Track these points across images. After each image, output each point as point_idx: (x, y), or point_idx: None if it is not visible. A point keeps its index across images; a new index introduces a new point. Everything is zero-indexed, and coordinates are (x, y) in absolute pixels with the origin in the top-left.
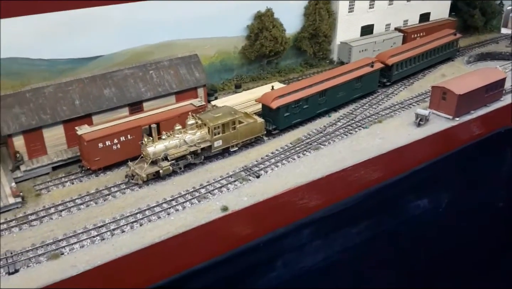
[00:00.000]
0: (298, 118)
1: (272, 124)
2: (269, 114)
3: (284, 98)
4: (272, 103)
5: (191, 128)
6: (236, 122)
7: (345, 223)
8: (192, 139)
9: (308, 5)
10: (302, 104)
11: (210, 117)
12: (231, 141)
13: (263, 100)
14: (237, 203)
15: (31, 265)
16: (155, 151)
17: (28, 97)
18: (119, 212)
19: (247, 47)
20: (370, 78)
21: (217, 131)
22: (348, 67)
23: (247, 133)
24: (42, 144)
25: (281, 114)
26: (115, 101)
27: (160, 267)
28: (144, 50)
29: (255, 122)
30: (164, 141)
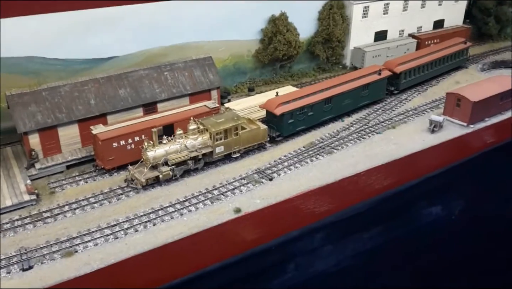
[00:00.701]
0: (303, 125)
1: (276, 131)
2: (273, 121)
3: (288, 105)
4: (276, 110)
5: (192, 134)
6: (239, 128)
7: (357, 228)
8: (193, 145)
9: (322, 9)
10: (307, 111)
11: (212, 122)
12: (233, 147)
13: (267, 107)
14: (250, 205)
15: (45, 262)
16: (155, 156)
17: (44, 96)
18: (132, 211)
19: (261, 50)
20: (377, 86)
21: (219, 137)
22: (355, 74)
23: (249, 140)
24: (57, 143)
25: (285, 121)
26: (130, 101)
27: (173, 267)
28: (158, 52)
29: (258, 129)
30: (165, 146)
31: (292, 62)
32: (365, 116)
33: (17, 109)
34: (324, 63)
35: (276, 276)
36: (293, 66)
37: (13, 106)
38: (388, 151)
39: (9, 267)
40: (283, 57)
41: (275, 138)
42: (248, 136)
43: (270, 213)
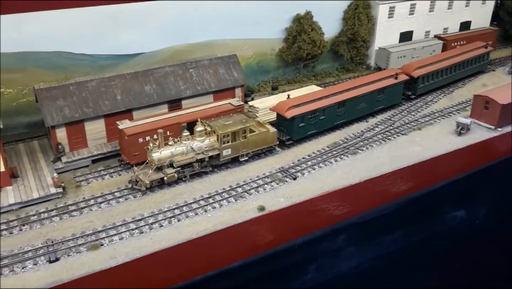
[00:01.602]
0: (314, 129)
1: (286, 134)
2: (284, 124)
3: (299, 108)
4: (286, 113)
5: (199, 136)
6: (247, 131)
7: (380, 230)
8: (200, 147)
9: (347, 9)
10: (319, 115)
11: (220, 124)
12: (241, 150)
13: (277, 110)
14: (273, 203)
15: (72, 255)
16: (160, 157)
17: (72, 90)
18: (157, 207)
19: (284, 49)
20: (393, 90)
21: (226, 140)
22: (371, 78)
23: (258, 143)
24: (83, 137)
25: (295, 124)
26: (155, 98)
27: (196, 263)
28: (184, 49)
29: (267, 132)
30: (171, 148)
31: (316, 62)
32: (390, 117)
33: (45, 103)
34: (348, 63)
35: (297, 276)
36: (316, 65)
37: (42, 100)
38: (414, 153)
39: (35, 259)
40: (307, 56)
41: (285, 142)
42: (257, 139)
43: (294, 212)
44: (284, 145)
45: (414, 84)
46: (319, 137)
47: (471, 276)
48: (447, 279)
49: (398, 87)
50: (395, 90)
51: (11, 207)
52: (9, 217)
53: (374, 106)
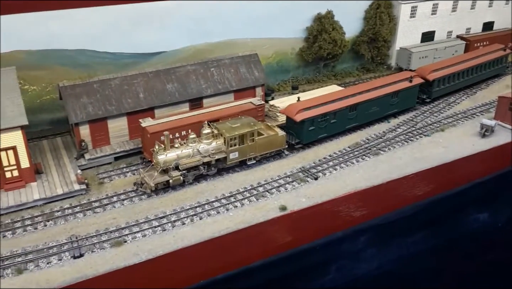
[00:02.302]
0: (324, 133)
1: (295, 138)
2: (293, 127)
3: (309, 111)
4: (296, 116)
5: (206, 138)
6: (255, 134)
7: (401, 232)
8: (207, 150)
9: (369, 8)
10: (329, 119)
11: (227, 127)
12: (249, 154)
13: (287, 112)
14: (295, 203)
15: (96, 251)
16: (165, 160)
17: (95, 88)
18: (179, 205)
19: (305, 49)
20: (408, 93)
21: (234, 143)
22: (384, 81)
23: (266, 147)
24: (106, 134)
25: (305, 128)
26: (177, 96)
27: (218, 261)
28: (204, 48)
29: (276, 135)
30: (176, 150)
31: (336, 61)
32: (412, 118)
33: (70, 101)
34: (369, 63)
35: (317, 276)
36: (336, 65)
37: (66, 98)
38: (437, 154)
39: (60, 254)
40: (328, 56)
41: (294, 146)
42: (265, 142)
43: (316, 212)
44: (294, 148)
45: (429, 87)
46: (340, 138)
47: (493, 279)
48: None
49: (412, 90)
50: (409, 93)
51: (36, 202)
52: (34, 213)
53: (387, 110)
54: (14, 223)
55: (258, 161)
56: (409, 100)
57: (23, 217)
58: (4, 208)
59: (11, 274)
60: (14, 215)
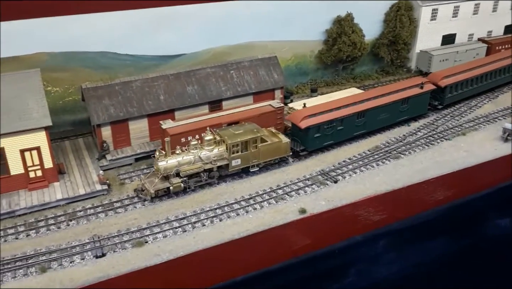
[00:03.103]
0: (331, 140)
1: (300, 145)
2: (298, 134)
3: (315, 118)
4: (301, 123)
5: (208, 145)
6: (258, 141)
7: (421, 237)
8: (208, 156)
9: (389, 11)
10: (336, 126)
11: (230, 134)
12: (251, 161)
13: (292, 119)
14: (314, 206)
15: (118, 251)
16: (166, 166)
17: (117, 90)
18: (199, 206)
19: (324, 51)
20: (419, 100)
21: (236, 150)
22: (395, 87)
23: (270, 154)
24: (127, 136)
25: (310, 135)
26: (197, 98)
27: (238, 263)
28: (224, 50)
29: (280, 142)
30: (178, 157)
31: (355, 64)
32: (433, 121)
33: (92, 102)
34: (388, 65)
35: (336, 280)
36: (356, 68)
37: (88, 99)
38: (459, 159)
39: (83, 254)
40: (347, 58)
41: (299, 153)
42: (268, 149)
43: (335, 215)
44: (299, 155)
45: (441, 94)
46: (360, 141)
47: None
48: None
49: (423, 97)
50: (420, 100)
51: (59, 202)
52: (57, 212)
53: (397, 117)
54: (37, 222)
55: (261, 168)
56: (420, 107)
57: (46, 216)
58: (28, 207)
59: (35, 272)
60: (37, 214)
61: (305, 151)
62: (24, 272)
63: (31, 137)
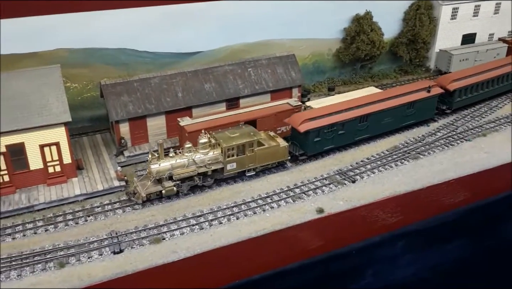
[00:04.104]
0: (331, 144)
1: (299, 149)
2: (297, 138)
3: (315, 122)
4: (300, 126)
5: (203, 148)
6: (254, 144)
7: (439, 239)
8: (203, 160)
9: (408, 9)
10: (337, 129)
11: (225, 137)
12: (248, 165)
13: (291, 122)
14: (332, 206)
15: (135, 247)
16: (159, 169)
17: (135, 86)
18: (216, 204)
19: (342, 50)
20: (425, 104)
21: (231, 153)
22: (400, 90)
23: (267, 158)
24: (145, 132)
25: (310, 139)
26: (214, 96)
27: (254, 262)
28: (241, 48)
29: (277, 146)
30: (171, 159)
31: (374, 63)
32: (453, 122)
33: (111, 99)
34: (407, 65)
35: (353, 280)
36: (374, 67)
37: (107, 96)
38: (479, 160)
39: (101, 250)
40: (365, 57)
41: (299, 158)
42: (265, 153)
43: (354, 215)
44: (297, 160)
45: (450, 97)
46: (378, 140)
47: None
48: None
49: (430, 101)
50: (427, 104)
51: (77, 198)
52: (75, 208)
53: (402, 121)
54: (56, 217)
55: (257, 172)
56: (427, 112)
57: (64, 211)
58: (47, 202)
59: (53, 267)
60: (56, 210)
61: (305, 155)
62: (42, 266)
63: (50, 132)
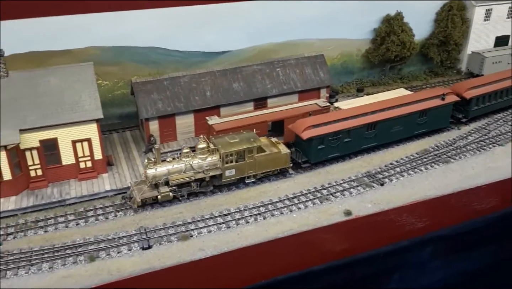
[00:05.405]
0: (336, 152)
1: (302, 156)
2: (301, 145)
3: (319, 129)
4: (303, 133)
5: (201, 153)
6: (254, 151)
7: (469, 246)
8: (201, 165)
9: (440, 10)
10: (342, 137)
11: (224, 142)
12: (247, 171)
13: (294, 129)
14: (360, 209)
15: (163, 243)
16: (155, 174)
17: (165, 85)
18: (243, 203)
19: (371, 50)
20: (439, 112)
21: (230, 159)
22: (412, 98)
23: (267, 164)
24: (173, 130)
25: (313, 146)
26: (242, 95)
27: (281, 262)
28: (269, 48)
29: (279, 153)
30: (168, 164)
31: (403, 64)
32: (485, 126)
33: (141, 96)
34: (437, 66)
35: (380, 284)
36: (403, 68)
37: (137, 93)
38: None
39: (130, 245)
40: (395, 58)
41: (301, 165)
42: (266, 160)
43: (382, 219)
44: (300, 167)
45: (466, 106)
46: (407, 143)
47: None
48: None
49: (445, 109)
50: (441, 112)
51: (107, 193)
52: (105, 203)
53: (414, 130)
54: (87, 212)
55: (258, 180)
56: (441, 120)
57: (95, 206)
58: (78, 197)
59: (84, 261)
60: (86, 204)
61: (308, 163)
62: (73, 260)
63: (83, 129)
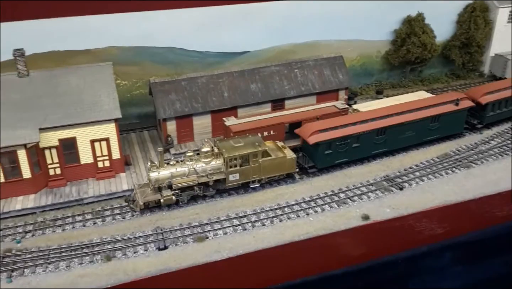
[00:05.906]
0: (344, 158)
1: (309, 161)
2: (308, 150)
3: (326, 133)
4: (310, 138)
5: (205, 157)
6: (259, 155)
7: (490, 252)
8: (204, 169)
9: (463, 12)
10: (350, 143)
11: (229, 146)
12: (251, 176)
13: (301, 133)
14: (378, 213)
15: (179, 244)
16: (158, 177)
17: (183, 85)
18: (259, 205)
19: (391, 52)
20: (452, 118)
21: (234, 164)
22: (425, 103)
23: (273, 169)
24: (190, 131)
25: (320, 151)
26: (260, 96)
27: (296, 265)
28: (288, 49)
29: (284, 158)
30: (171, 168)
31: (424, 66)
32: (508, 130)
33: (159, 96)
34: (459, 69)
35: None
36: (424, 70)
37: (155, 93)
38: None
39: (146, 245)
40: (416, 60)
41: (308, 170)
42: (271, 165)
43: (401, 224)
44: (307, 172)
45: (482, 111)
46: (427, 147)
47: None
48: None
49: (459, 115)
50: (454, 118)
51: (124, 193)
52: (122, 202)
53: (426, 135)
54: (104, 211)
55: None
56: (455, 126)
57: (112, 205)
58: (96, 196)
59: (100, 260)
60: (104, 203)
61: (314, 168)
62: (90, 259)
63: (101, 128)
